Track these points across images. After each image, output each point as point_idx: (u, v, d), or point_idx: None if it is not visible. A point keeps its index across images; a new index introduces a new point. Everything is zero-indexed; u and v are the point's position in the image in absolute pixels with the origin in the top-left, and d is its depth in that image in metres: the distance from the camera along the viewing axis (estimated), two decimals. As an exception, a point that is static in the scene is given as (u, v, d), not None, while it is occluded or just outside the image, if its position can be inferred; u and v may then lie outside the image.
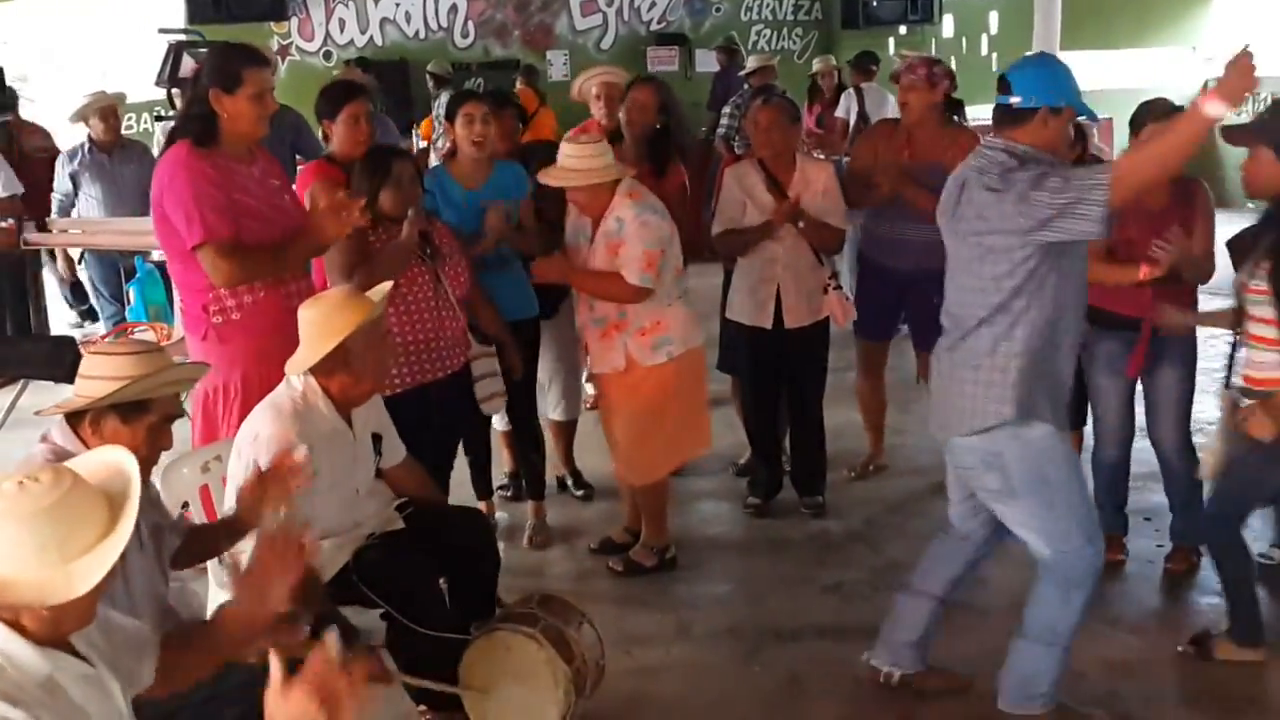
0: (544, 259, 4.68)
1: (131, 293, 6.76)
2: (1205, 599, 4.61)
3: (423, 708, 3.71)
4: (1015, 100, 3.38)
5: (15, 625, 1.99)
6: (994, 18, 13.63)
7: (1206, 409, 5.17)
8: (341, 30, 13.28)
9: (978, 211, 3.34)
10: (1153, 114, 4.42)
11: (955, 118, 5.44)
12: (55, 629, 2.03)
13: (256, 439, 3.36)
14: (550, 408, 5.61)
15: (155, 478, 3.33)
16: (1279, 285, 3.73)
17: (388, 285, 3.74)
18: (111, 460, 2.16)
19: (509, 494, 5.66)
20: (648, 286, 4.48)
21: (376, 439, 3.72)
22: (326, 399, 3.48)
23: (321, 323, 3.43)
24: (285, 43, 12.90)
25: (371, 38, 13.34)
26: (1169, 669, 4.17)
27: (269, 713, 1.99)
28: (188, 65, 6.71)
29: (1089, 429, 5.04)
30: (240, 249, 3.86)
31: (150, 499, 3.09)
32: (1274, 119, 3.82)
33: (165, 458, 3.20)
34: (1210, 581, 4.68)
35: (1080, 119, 5.02)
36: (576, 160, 4.48)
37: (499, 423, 5.36)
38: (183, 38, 7.29)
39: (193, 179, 3.85)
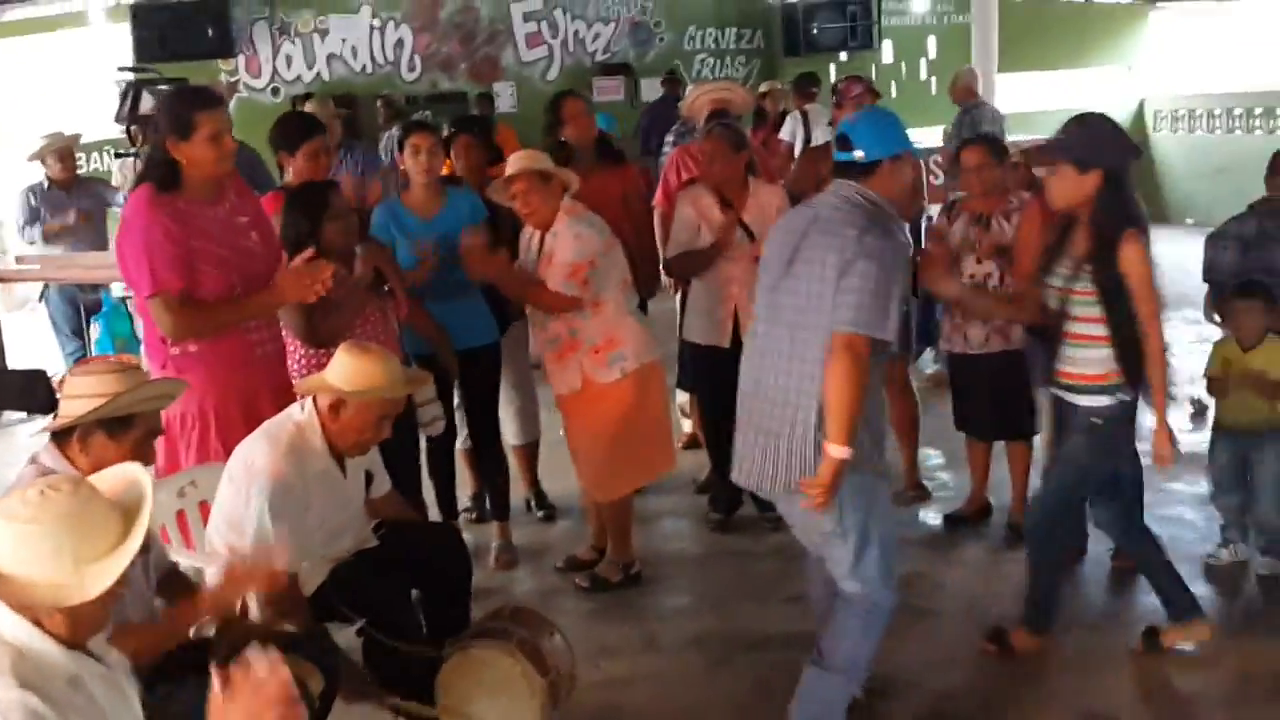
0: (482, 255, 4.72)
1: (97, 326, 6.79)
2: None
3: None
4: (859, 155, 3.52)
5: (40, 626, 2.09)
6: (932, 42, 13.92)
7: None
8: (289, 66, 13.34)
9: (822, 259, 3.42)
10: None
11: None
12: (73, 633, 2.13)
13: (250, 469, 3.43)
14: (509, 433, 5.68)
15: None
16: (1105, 287, 3.90)
17: (426, 378, 3.88)
18: (127, 475, 2.27)
19: (473, 516, 5.72)
20: (571, 294, 4.59)
21: (369, 477, 3.80)
22: (323, 439, 3.54)
23: (348, 368, 3.50)
24: (233, 80, 12.91)
25: (319, 73, 13.41)
26: (1126, 663, 4.31)
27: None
28: (147, 102, 6.79)
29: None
30: (191, 304, 3.88)
31: None
32: (1073, 136, 4.02)
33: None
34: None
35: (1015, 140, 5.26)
36: (517, 161, 4.70)
37: (461, 441, 5.44)
38: (141, 76, 7.35)
39: (146, 229, 3.86)
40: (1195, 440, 6.36)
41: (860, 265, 3.35)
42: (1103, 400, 3.99)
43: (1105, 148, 3.97)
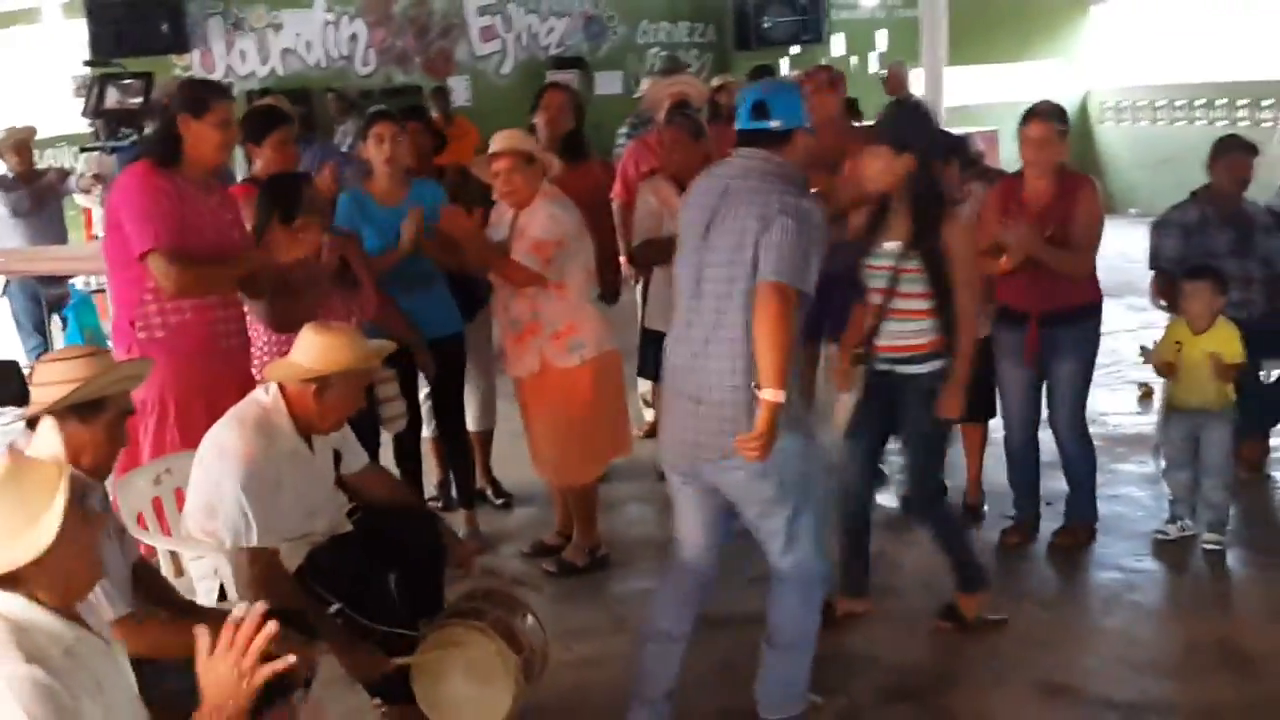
0: (456, 211, 4.78)
1: (60, 320, 6.85)
2: (1104, 572, 4.95)
3: (376, 700, 3.86)
4: (776, 124, 3.58)
5: (34, 599, 2.15)
6: (882, 36, 14.07)
7: (1100, 401, 5.49)
8: (243, 61, 13.24)
9: (741, 226, 3.48)
10: (1037, 115, 4.81)
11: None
12: (63, 596, 2.20)
13: (222, 453, 3.49)
14: (467, 418, 5.75)
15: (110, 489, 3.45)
16: (931, 263, 4.09)
17: (389, 346, 3.92)
18: (40, 436, 2.33)
19: (439, 504, 5.78)
20: (533, 268, 4.66)
21: (336, 456, 3.87)
22: (290, 419, 3.60)
23: (323, 347, 3.56)
24: (188, 75, 12.84)
25: (273, 68, 13.35)
26: (1080, 637, 4.48)
27: (200, 678, 2.22)
28: (112, 97, 6.84)
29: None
30: (191, 259, 4.01)
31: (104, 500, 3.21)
32: (892, 120, 4.24)
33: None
34: (1106, 555, 5.07)
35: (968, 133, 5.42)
36: (503, 139, 4.76)
37: (427, 429, 5.50)
38: (106, 70, 7.39)
39: (151, 191, 4.03)
40: (1143, 422, 6.57)
41: (779, 221, 3.40)
42: (939, 364, 4.19)
43: (920, 132, 4.20)
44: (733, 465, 3.54)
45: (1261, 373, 5.73)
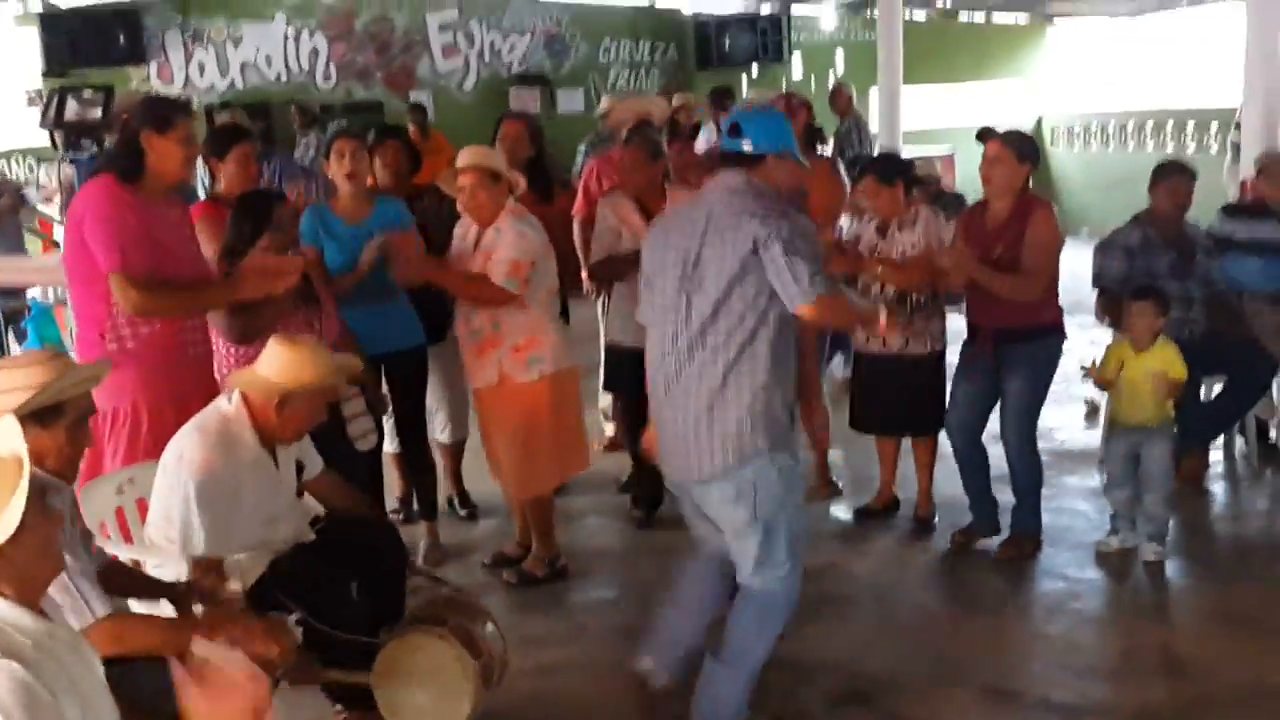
0: (405, 259, 4.85)
1: (24, 331, 6.86)
2: (1049, 581, 5.08)
3: (338, 707, 3.92)
4: (747, 146, 3.70)
5: (2, 593, 2.20)
6: (840, 56, 14.29)
7: (1048, 416, 5.61)
8: (201, 74, 13.16)
9: (729, 251, 3.56)
10: (992, 134, 5.04)
11: (816, 144, 5.92)
12: (27, 588, 2.25)
13: (181, 460, 3.55)
14: (438, 430, 5.81)
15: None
16: None
17: (357, 364, 4.00)
18: (4, 433, 2.37)
19: (400, 517, 5.82)
20: (512, 290, 4.74)
21: (299, 466, 3.94)
22: (252, 430, 3.67)
23: (287, 361, 3.63)
24: (145, 87, 12.79)
25: (232, 81, 13.31)
26: (1024, 643, 4.62)
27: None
28: (72, 109, 6.86)
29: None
30: (153, 281, 4.06)
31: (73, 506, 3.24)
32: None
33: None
34: (1050, 564, 5.19)
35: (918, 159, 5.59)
36: (469, 155, 4.85)
37: (389, 445, 5.56)
38: (66, 82, 7.40)
39: (116, 207, 4.07)
40: (1088, 438, 6.73)
41: (771, 250, 3.49)
42: None
43: None
44: (711, 487, 3.67)
45: (1201, 389, 5.89)
